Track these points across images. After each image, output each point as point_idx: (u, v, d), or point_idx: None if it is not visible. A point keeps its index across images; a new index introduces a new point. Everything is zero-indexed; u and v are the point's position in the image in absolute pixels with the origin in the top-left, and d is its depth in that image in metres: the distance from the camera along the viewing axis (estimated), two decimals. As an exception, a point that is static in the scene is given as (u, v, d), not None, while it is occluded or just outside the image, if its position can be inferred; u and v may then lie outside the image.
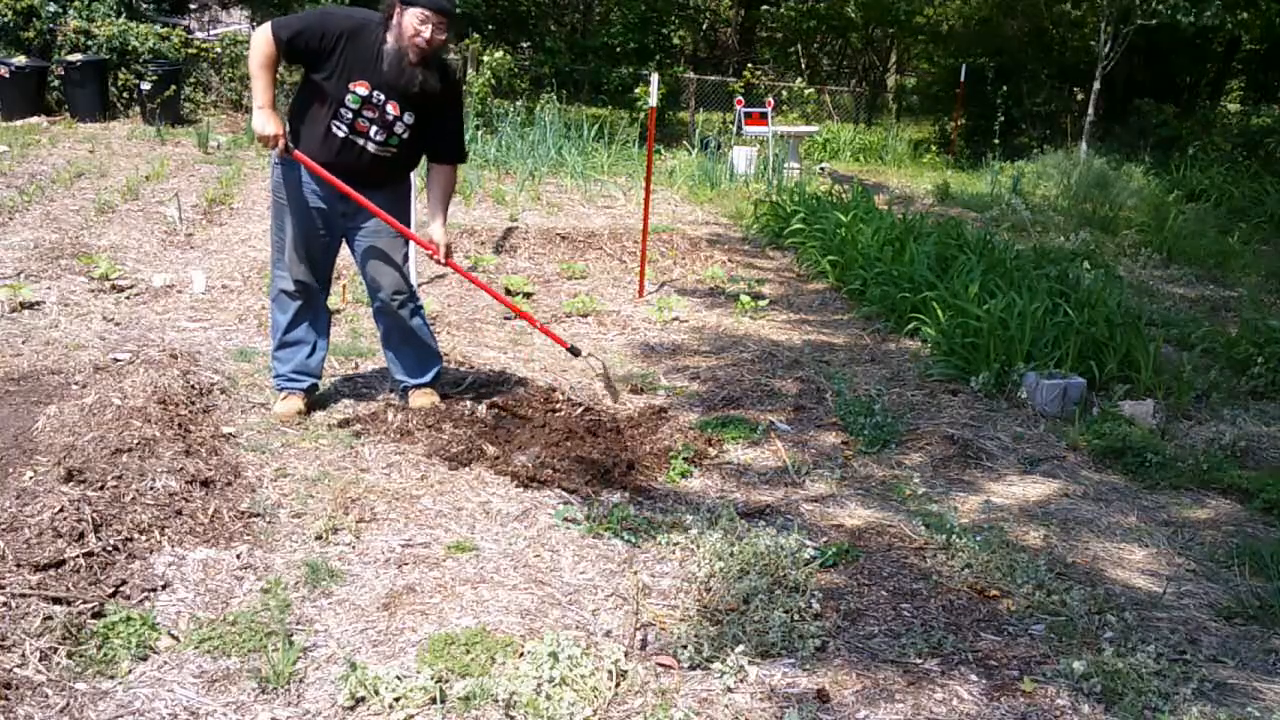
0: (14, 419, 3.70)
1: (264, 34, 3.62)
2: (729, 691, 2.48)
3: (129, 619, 2.53)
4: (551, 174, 11.01)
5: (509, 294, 6.21)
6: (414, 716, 2.30)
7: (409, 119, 3.79)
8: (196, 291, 5.72)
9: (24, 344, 4.60)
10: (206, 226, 7.39)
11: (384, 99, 3.72)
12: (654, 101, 6.77)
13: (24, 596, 2.51)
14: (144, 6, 14.09)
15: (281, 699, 2.35)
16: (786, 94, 17.22)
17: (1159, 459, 4.11)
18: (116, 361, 4.35)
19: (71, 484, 3.03)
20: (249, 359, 4.66)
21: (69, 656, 2.39)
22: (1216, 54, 17.37)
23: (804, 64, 19.65)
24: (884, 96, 19.85)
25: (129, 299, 5.51)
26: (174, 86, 12.83)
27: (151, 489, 3.13)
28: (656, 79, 6.89)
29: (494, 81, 13.23)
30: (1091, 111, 14.61)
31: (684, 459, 3.86)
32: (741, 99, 14.09)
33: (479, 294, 6.21)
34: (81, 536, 2.78)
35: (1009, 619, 2.91)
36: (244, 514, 3.18)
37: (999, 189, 11.38)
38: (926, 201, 11.11)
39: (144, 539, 2.92)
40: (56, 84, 12.72)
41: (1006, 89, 14.87)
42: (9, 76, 12.03)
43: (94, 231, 6.89)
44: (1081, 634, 2.82)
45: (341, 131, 3.75)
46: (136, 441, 3.36)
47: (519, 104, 13.08)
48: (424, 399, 4.17)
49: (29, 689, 2.27)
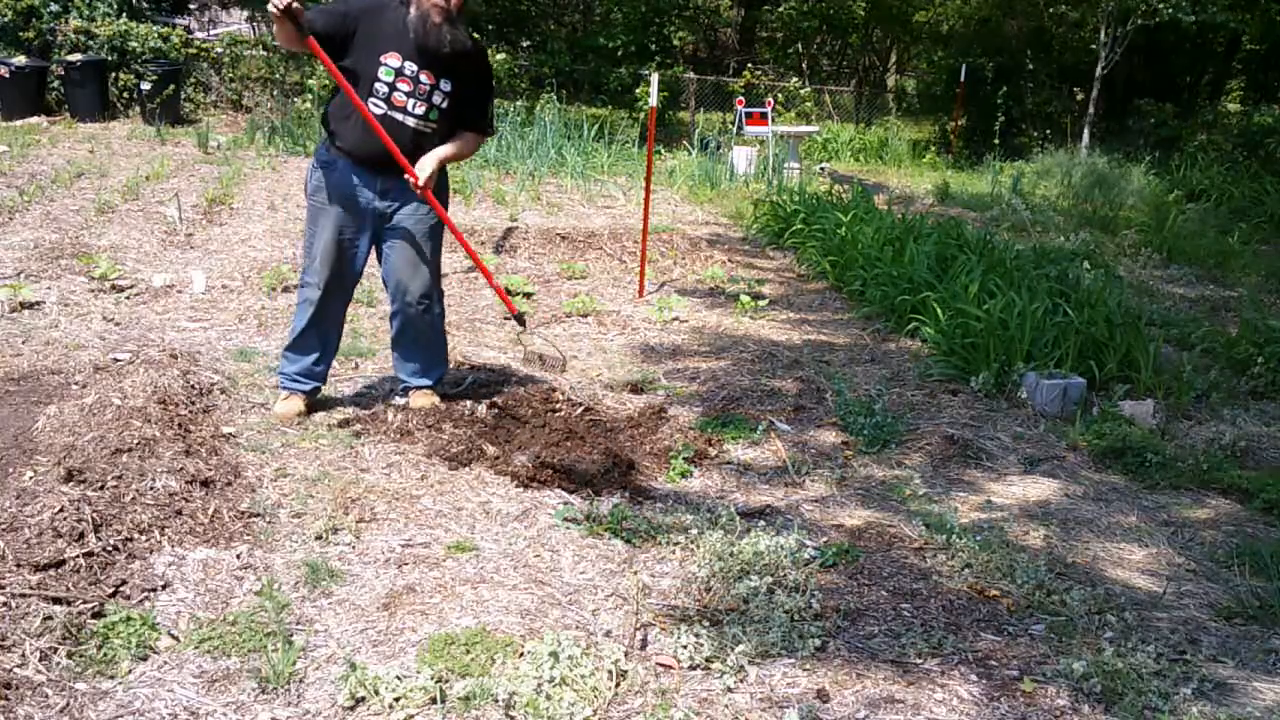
0: (14, 419, 3.70)
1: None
2: (729, 691, 2.48)
3: (129, 619, 2.53)
4: (551, 174, 11.01)
5: (509, 294, 6.21)
6: (414, 716, 2.30)
7: (446, 87, 3.80)
8: (196, 291, 5.72)
9: (24, 344, 4.60)
10: (206, 226, 7.39)
11: (417, 69, 3.74)
12: (654, 101, 6.77)
13: (24, 596, 2.51)
14: (144, 6, 14.09)
15: (281, 699, 2.35)
16: (784, 94, 17.21)
17: (1159, 459, 4.11)
18: (116, 361, 4.35)
19: (71, 484, 3.03)
20: (249, 359, 4.66)
21: (69, 656, 2.39)
22: (1216, 54, 17.38)
23: (804, 64, 19.63)
24: (884, 96, 19.84)
25: (129, 299, 5.51)
26: (174, 86, 12.84)
27: (151, 489, 3.13)
28: (656, 79, 6.89)
29: (494, 81, 13.25)
30: (1091, 111, 14.62)
31: (684, 459, 3.86)
32: (742, 99, 14.09)
33: (479, 294, 6.22)
34: (81, 536, 2.78)
35: (1009, 619, 2.91)
36: (244, 514, 3.18)
37: (999, 189, 11.38)
38: (926, 201, 11.11)
39: (144, 539, 2.92)
40: (56, 84, 12.73)
41: (1006, 89, 14.88)
42: (9, 76, 12.03)
43: (94, 231, 6.89)
44: (1081, 634, 2.82)
45: (379, 108, 3.76)
46: (136, 441, 3.36)
47: (519, 104, 13.08)
48: (424, 400, 4.17)
49: (29, 689, 2.27)
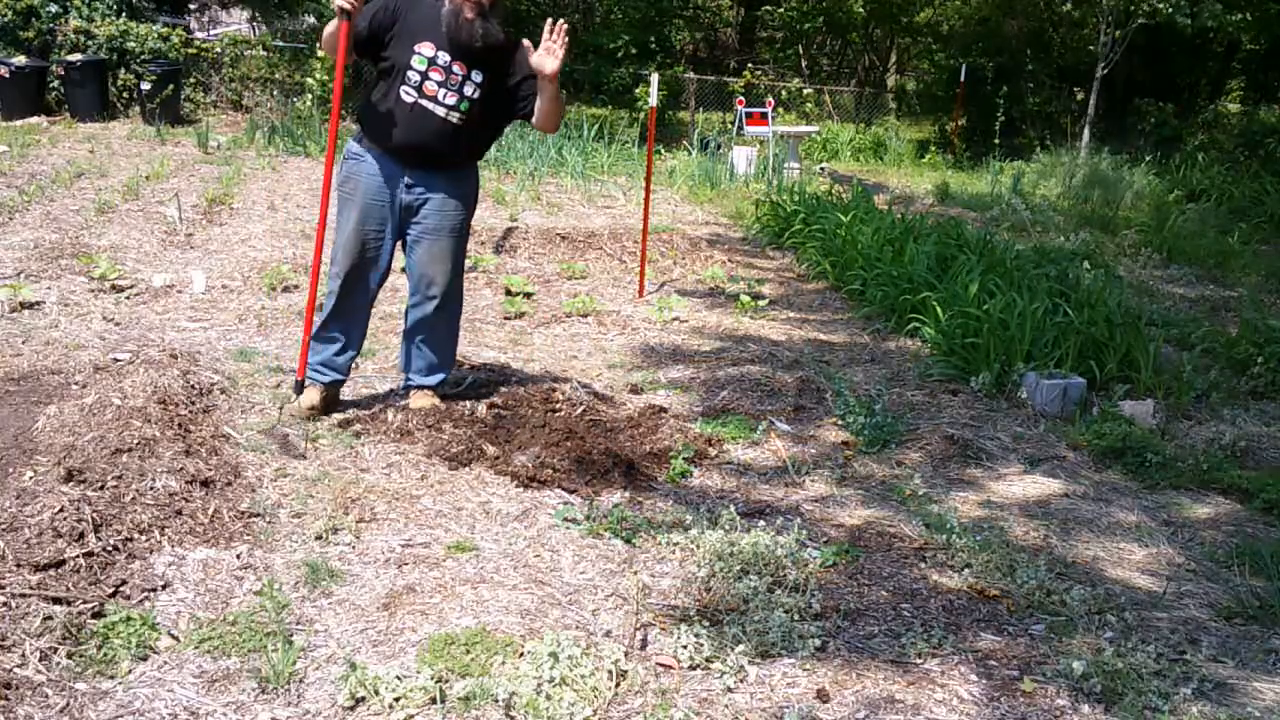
0: (14, 419, 3.70)
1: (334, 23, 3.73)
2: (729, 691, 2.48)
3: (129, 619, 2.53)
4: (551, 174, 11.01)
5: (509, 294, 6.21)
6: (414, 716, 2.30)
7: (477, 77, 3.80)
8: (196, 291, 5.72)
9: (24, 344, 4.59)
10: (206, 226, 7.39)
11: (449, 59, 3.76)
12: (654, 101, 6.78)
13: (24, 596, 2.51)
14: (144, 6, 14.09)
15: (281, 699, 2.35)
16: (784, 94, 17.21)
17: (1159, 459, 4.11)
18: (116, 361, 4.35)
19: (71, 484, 3.03)
20: (249, 359, 4.66)
21: (69, 656, 2.39)
22: (1216, 54, 17.39)
23: (804, 64, 19.63)
24: (884, 96, 19.85)
25: (129, 299, 5.51)
26: (174, 86, 12.84)
27: (151, 489, 3.13)
28: (656, 79, 6.89)
29: None
30: (1091, 111, 14.62)
31: (684, 459, 3.86)
32: (742, 99, 14.10)
33: (479, 294, 6.21)
34: (81, 536, 2.78)
35: (1009, 619, 2.91)
36: (244, 514, 3.18)
37: (999, 189, 11.39)
38: (926, 201, 11.11)
39: (144, 539, 2.92)
40: (56, 84, 12.73)
41: (1006, 89, 14.88)
42: (9, 76, 12.04)
43: (94, 231, 6.89)
44: (1081, 634, 2.82)
45: (410, 96, 3.78)
46: (136, 441, 3.36)
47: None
48: (424, 400, 4.17)
49: (29, 689, 2.27)
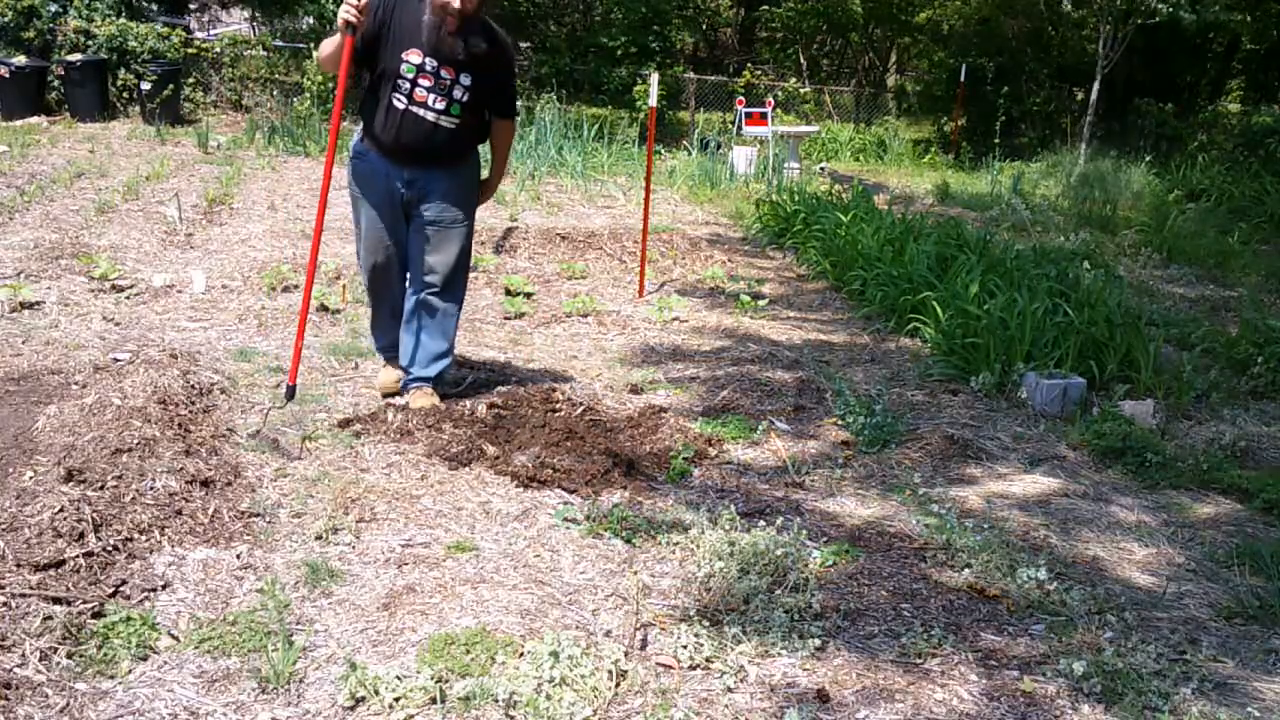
0: (14, 419, 3.70)
1: (336, 38, 3.85)
2: (729, 691, 2.48)
3: (129, 619, 2.53)
4: (551, 174, 11.01)
5: (509, 294, 6.21)
6: (414, 716, 2.30)
7: (466, 80, 3.91)
8: (196, 291, 5.72)
9: (24, 344, 4.60)
10: (206, 226, 7.39)
11: (437, 65, 3.87)
12: (654, 101, 6.78)
13: (24, 596, 2.51)
14: (144, 6, 14.09)
15: (281, 699, 2.35)
16: (782, 94, 17.21)
17: (1159, 459, 4.11)
18: (116, 361, 4.35)
19: (71, 484, 3.03)
20: (249, 359, 4.66)
21: (69, 656, 2.39)
22: (1216, 54, 17.39)
23: (804, 64, 19.63)
24: (884, 96, 19.85)
25: (129, 299, 5.51)
26: (174, 86, 12.84)
27: (151, 489, 3.13)
28: (656, 79, 6.89)
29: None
30: (1091, 111, 14.61)
31: (684, 459, 3.86)
32: (742, 99, 14.09)
33: (478, 294, 6.21)
34: (81, 536, 2.78)
35: (1009, 619, 2.91)
36: (244, 514, 3.18)
37: (999, 189, 11.39)
38: (926, 201, 11.11)
39: (144, 539, 2.92)
40: (56, 84, 12.73)
41: (1006, 89, 14.87)
42: (9, 76, 12.04)
43: (94, 231, 6.89)
44: (1081, 634, 2.82)
45: (401, 103, 3.89)
46: (136, 441, 3.36)
47: (519, 104, 13.07)
48: (424, 399, 4.18)
49: (29, 689, 2.27)
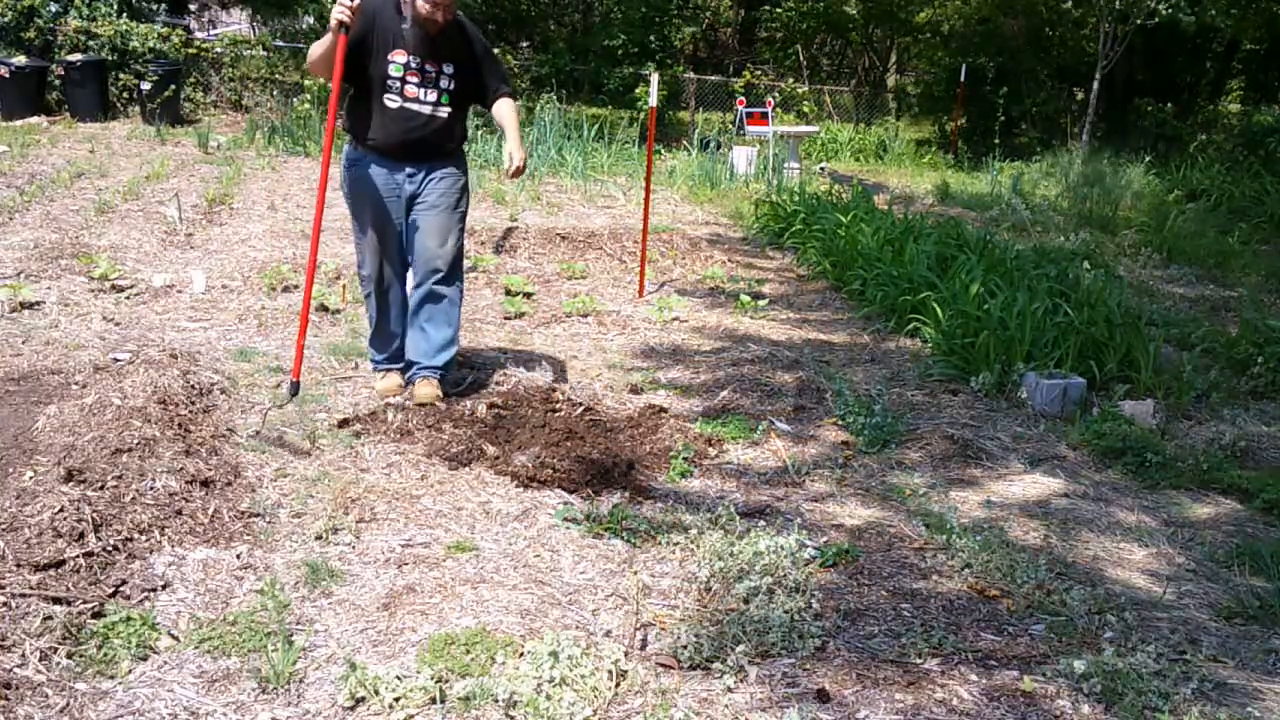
0: (14, 419, 3.70)
1: (326, 39, 3.96)
2: (729, 691, 2.48)
3: (129, 619, 2.53)
4: (551, 174, 11.01)
5: (509, 294, 6.21)
6: (414, 716, 2.30)
7: (449, 70, 4.10)
8: (196, 291, 5.72)
9: (24, 344, 4.60)
10: (206, 226, 7.39)
11: (421, 60, 4.05)
12: (654, 101, 6.77)
13: (24, 596, 2.51)
14: (145, 7, 14.09)
15: (281, 699, 2.35)
16: (782, 94, 17.21)
17: (1159, 459, 4.11)
18: (116, 361, 4.35)
19: (71, 484, 3.03)
20: (249, 359, 4.66)
21: (69, 656, 2.39)
22: (1216, 54, 17.39)
23: (804, 64, 19.63)
24: (884, 96, 19.85)
25: (129, 299, 5.51)
26: (174, 86, 12.84)
27: (151, 489, 3.13)
28: (656, 79, 6.89)
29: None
30: (1091, 111, 14.61)
31: (684, 459, 3.86)
32: (742, 99, 14.09)
33: (478, 294, 6.22)
34: (81, 536, 2.78)
35: (1009, 619, 2.91)
36: (244, 514, 3.18)
37: (999, 189, 11.38)
38: (926, 201, 11.11)
39: (144, 539, 2.92)
40: (57, 84, 12.73)
41: (1006, 89, 14.87)
42: (9, 76, 12.03)
43: (94, 231, 6.89)
44: (1081, 634, 2.82)
45: (395, 102, 4.04)
46: (136, 441, 3.36)
47: (519, 104, 13.08)
48: (429, 389, 4.22)
49: (29, 689, 2.27)
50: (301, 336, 3.95)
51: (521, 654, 2.52)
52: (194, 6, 19.25)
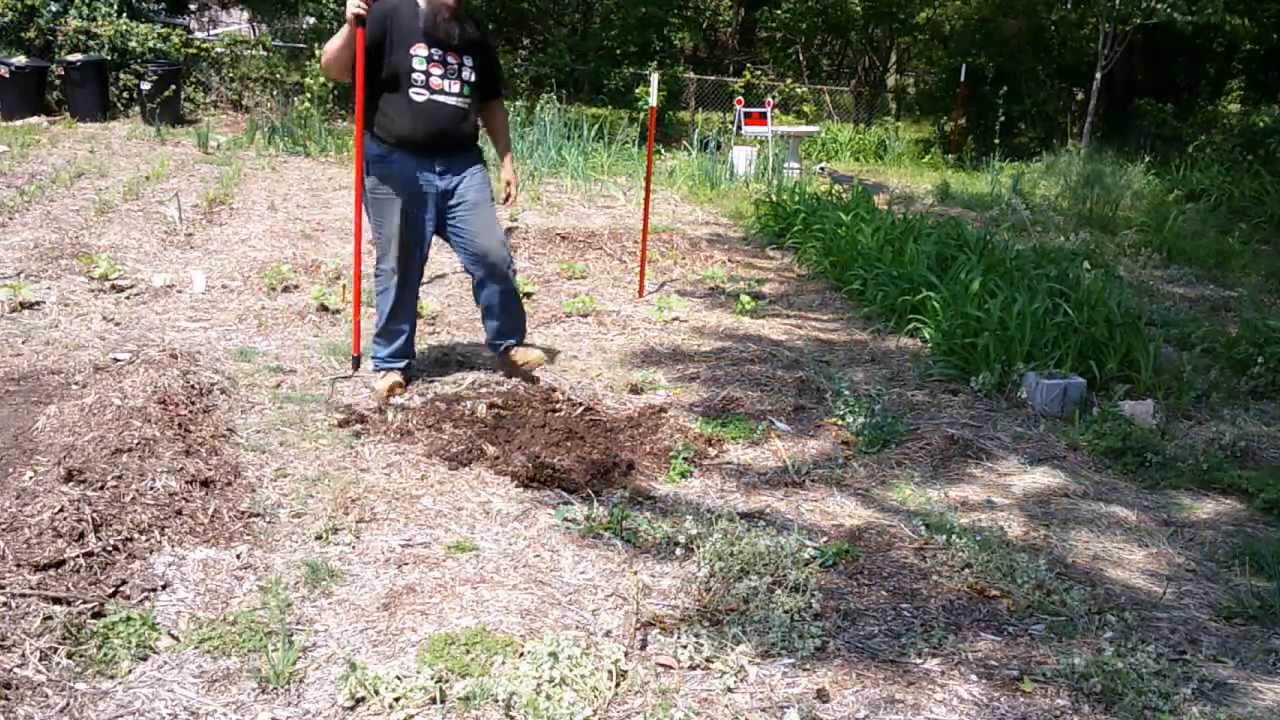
0: (14, 419, 3.70)
1: (342, 33, 4.07)
2: (729, 691, 2.48)
3: (129, 619, 2.53)
4: (551, 174, 11.01)
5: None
6: (414, 716, 2.30)
7: (469, 61, 4.23)
8: (196, 291, 5.72)
9: (24, 344, 4.60)
10: (206, 226, 7.39)
11: (442, 53, 4.15)
12: (654, 101, 6.77)
13: (24, 596, 2.51)
14: (145, 7, 14.09)
15: (281, 699, 2.35)
16: (781, 94, 17.20)
17: (1159, 459, 4.11)
18: (116, 361, 4.35)
19: (71, 484, 3.03)
20: (249, 359, 4.66)
21: (69, 656, 2.39)
22: (1216, 54, 17.39)
23: (804, 64, 19.62)
24: (884, 96, 19.85)
25: (129, 299, 5.51)
26: (174, 86, 12.84)
27: (151, 489, 3.13)
28: (656, 79, 6.89)
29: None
30: (1091, 111, 14.61)
31: (684, 459, 3.86)
32: (742, 99, 14.09)
33: (479, 294, 6.21)
34: (81, 536, 2.78)
35: (1009, 619, 2.91)
36: (244, 514, 3.18)
37: (999, 189, 11.38)
38: (926, 201, 11.11)
39: (144, 539, 2.92)
40: (57, 84, 12.73)
41: (1006, 89, 14.87)
42: (9, 76, 12.03)
43: (94, 231, 6.89)
44: (1081, 634, 2.82)
45: (422, 95, 4.12)
46: (136, 441, 3.36)
47: (519, 104, 13.09)
48: (531, 353, 4.51)
49: (29, 689, 2.27)
50: (357, 314, 4.40)
51: (521, 654, 2.52)
52: (194, 6, 19.25)
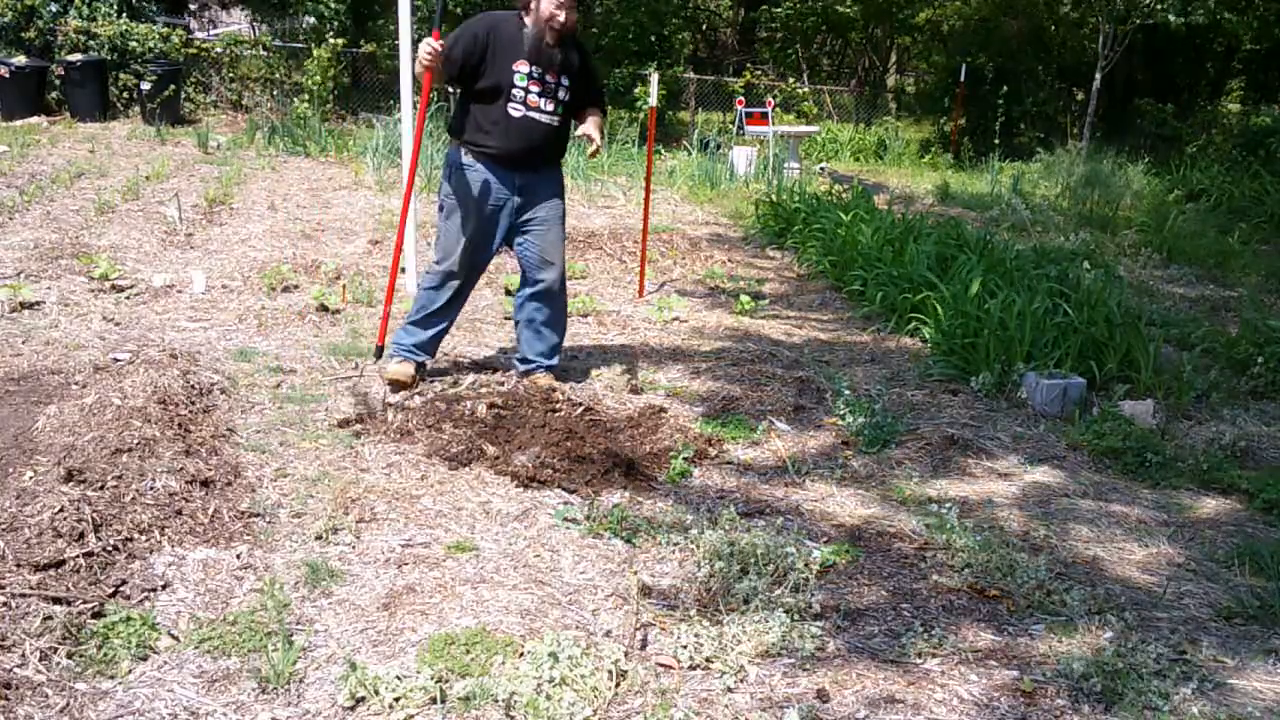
0: (14, 419, 3.70)
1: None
2: (729, 691, 2.48)
3: (129, 619, 2.53)
4: (551, 174, 10.99)
5: (509, 294, 6.21)
6: (414, 716, 2.30)
7: (566, 82, 4.33)
8: (196, 291, 5.72)
9: (24, 344, 4.60)
10: (206, 226, 7.39)
11: (542, 71, 4.25)
12: (654, 101, 6.78)
13: (24, 596, 2.51)
14: (145, 7, 14.09)
15: (281, 699, 2.35)
16: (780, 94, 17.20)
17: (1159, 459, 4.11)
18: (116, 361, 4.35)
19: (71, 484, 3.03)
20: (249, 359, 4.66)
21: (69, 656, 2.39)
22: (1216, 54, 17.39)
23: (804, 64, 19.62)
24: (884, 96, 19.85)
25: (129, 299, 5.51)
26: (174, 86, 12.84)
27: (151, 489, 3.13)
28: (656, 79, 6.89)
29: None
30: (1091, 111, 14.61)
31: (684, 459, 3.86)
32: (742, 99, 14.09)
33: (479, 294, 6.20)
34: (81, 536, 2.78)
35: (1009, 619, 2.91)
36: (244, 514, 3.18)
37: (999, 189, 11.39)
38: (926, 201, 11.11)
39: (144, 539, 2.92)
40: (57, 84, 12.73)
41: (1006, 89, 14.87)
42: (9, 76, 12.03)
43: (94, 231, 6.89)
44: (1081, 634, 2.82)
45: (519, 111, 4.23)
46: (136, 441, 3.36)
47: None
48: (547, 379, 4.48)
49: (29, 689, 2.27)
50: (388, 306, 4.51)
51: (521, 654, 2.52)
52: (194, 6, 19.25)
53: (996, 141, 14.18)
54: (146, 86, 12.64)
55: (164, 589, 2.74)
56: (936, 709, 2.46)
